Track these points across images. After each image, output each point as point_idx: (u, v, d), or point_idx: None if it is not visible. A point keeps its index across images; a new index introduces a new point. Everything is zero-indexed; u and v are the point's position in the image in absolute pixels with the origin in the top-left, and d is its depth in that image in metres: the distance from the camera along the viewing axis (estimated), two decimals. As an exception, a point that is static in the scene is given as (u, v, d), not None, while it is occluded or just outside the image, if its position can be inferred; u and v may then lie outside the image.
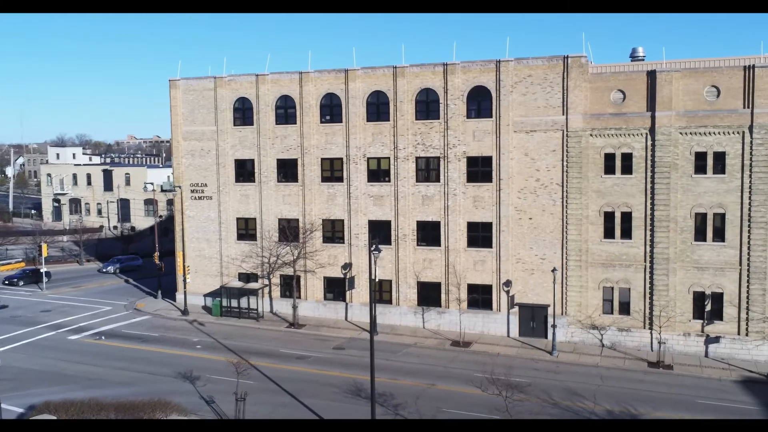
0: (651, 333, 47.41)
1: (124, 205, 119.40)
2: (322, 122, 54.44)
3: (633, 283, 47.81)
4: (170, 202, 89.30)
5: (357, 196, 53.57)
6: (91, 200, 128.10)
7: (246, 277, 57.71)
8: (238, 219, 57.75)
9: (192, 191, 58.96)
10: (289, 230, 54.48)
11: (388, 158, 52.73)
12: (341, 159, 54.02)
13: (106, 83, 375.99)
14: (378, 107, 52.84)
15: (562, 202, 48.54)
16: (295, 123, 55.06)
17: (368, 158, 53.29)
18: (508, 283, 50.07)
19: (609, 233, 48.10)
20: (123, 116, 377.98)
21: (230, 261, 57.99)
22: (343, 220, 54.43)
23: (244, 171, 57.27)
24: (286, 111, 55.53)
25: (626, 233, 47.77)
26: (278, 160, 55.94)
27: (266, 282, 56.73)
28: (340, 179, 54.23)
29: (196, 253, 59.35)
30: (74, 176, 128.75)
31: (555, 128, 48.39)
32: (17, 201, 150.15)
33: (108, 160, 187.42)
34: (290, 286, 55.62)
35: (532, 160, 49.19)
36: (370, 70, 52.64)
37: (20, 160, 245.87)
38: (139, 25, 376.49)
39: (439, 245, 51.92)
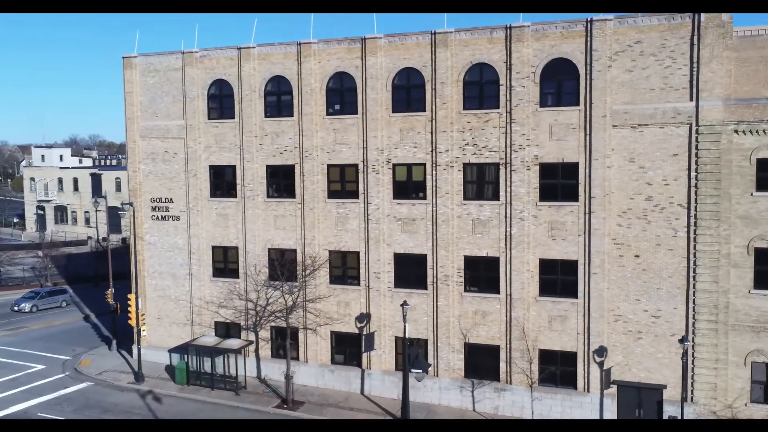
0: (832, 437, 30.72)
1: (114, 214, 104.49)
2: (329, 114, 38.52)
3: (801, 359, 31.23)
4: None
5: (378, 219, 37.54)
6: (78, 208, 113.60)
7: (225, 329, 41.94)
8: (214, 248, 41.93)
9: (153, 209, 43.27)
10: (282, 265, 38.62)
11: (424, 165, 36.62)
12: (356, 166, 38.02)
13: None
14: (409, 92, 36.77)
15: (688, 232, 32.10)
16: (292, 115, 39.20)
17: (394, 165, 37.24)
18: (601, 351, 33.71)
19: (763, 281, 31.55)
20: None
21: (204, 305, 42.22)
22: (358, 253, 38.39)
23: (222, 182, 41.50)
24: (279, 98, 39.67)
25: (791, 282, 31.22)
26: (268, 166, 40.09)
27: (251, 338, 40.90)
28: (354, 194, 38.24)
29: (159, 293, 43.65)
30: (60, 180, 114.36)
31: (677, 121, 31.97)
32: (4, 206, 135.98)
33: (114, 162, 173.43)
34: (284, 344, 39.71)
35: (640, 168, 32.77)
36: (397, 39, 36.58)
37: (24, 162, 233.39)
38: (152, 21, 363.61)
39: (498, 292, 35.67)
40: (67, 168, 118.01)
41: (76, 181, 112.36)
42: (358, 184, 37.99)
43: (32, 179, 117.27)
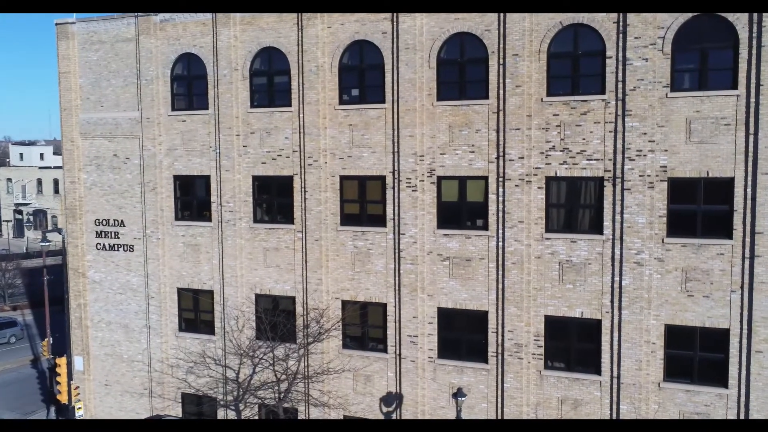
0: None
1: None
2: (343, 103, 26.50)
3: None
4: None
5: (415, 258, 25.51)
6: (59, 212, 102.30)
7: (196, 403, 30.06)
8: (180, 291, 30.00)
9: (98, 234, 31.41)
10: (273, 327, 26.74)
11: (485, 179, 24.59)
12: (382, 179, 26.01)
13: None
14: (463, 69, 24.73)
15: None
16: (290, 105, 27.20)
17: (440, 178, 25.20)
18: (767, 473, 21.63)
19: None
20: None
21: (167, 370, 30.32)
22: (384, 306, 26.39)
23: (192, 199, 29.58)
24: (271, 81, 27.70)
25: None
26: (256, 178, 28.14)
27: (231, 418, 28.98)
28: (379, 220, 26.24)
29: (107, 350, 31.81)
30: (39, 182, 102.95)
31: None
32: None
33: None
34: (277, 432, 27.77)
35: (840, 188, 20.68)
36: (445, -9, 24.48)
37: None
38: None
39: (598, 372, 23.65)
40: (48, 168, 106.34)
41: (56, 182, 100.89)
42: (386, 206, 25.98)
43: (9, 180, 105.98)
